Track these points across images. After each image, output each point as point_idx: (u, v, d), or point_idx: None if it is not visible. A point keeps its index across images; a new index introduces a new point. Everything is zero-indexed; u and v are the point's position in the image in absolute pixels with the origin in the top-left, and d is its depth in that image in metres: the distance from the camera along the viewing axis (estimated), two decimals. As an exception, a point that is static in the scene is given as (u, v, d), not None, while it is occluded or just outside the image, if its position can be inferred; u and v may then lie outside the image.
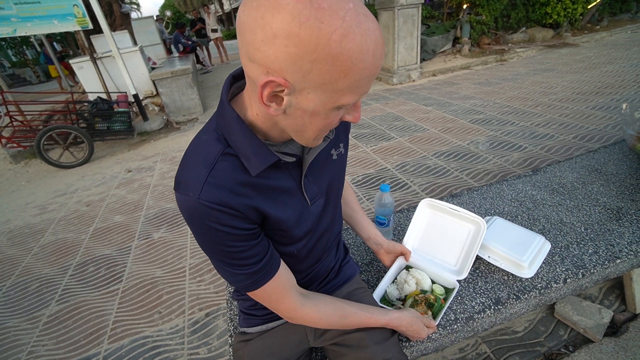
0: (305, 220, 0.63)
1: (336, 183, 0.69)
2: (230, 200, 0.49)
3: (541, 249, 0.96)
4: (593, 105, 3.35)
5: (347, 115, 0.48)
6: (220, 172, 0.49)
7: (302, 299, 0.63)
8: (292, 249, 0.65)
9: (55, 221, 2.72)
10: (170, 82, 4.83)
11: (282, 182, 0.57)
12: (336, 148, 0.67)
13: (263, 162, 0.51)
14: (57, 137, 3.79)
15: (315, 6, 0.34)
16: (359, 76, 0.39)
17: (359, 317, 0.68)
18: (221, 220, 0.49)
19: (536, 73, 4.92)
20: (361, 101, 0.49)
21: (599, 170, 1.37)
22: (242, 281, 0.56)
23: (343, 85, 0.40)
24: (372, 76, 0.42)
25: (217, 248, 0.52)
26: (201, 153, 0.51)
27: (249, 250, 0.54)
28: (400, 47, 5.21)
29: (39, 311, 1.76)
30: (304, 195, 0.61)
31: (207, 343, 1.43)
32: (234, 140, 0.50)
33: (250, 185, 0.52)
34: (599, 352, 1.17)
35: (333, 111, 0.44)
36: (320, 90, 0.40)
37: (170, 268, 1.93)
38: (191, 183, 0.48)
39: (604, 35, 6.89)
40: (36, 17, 3.83)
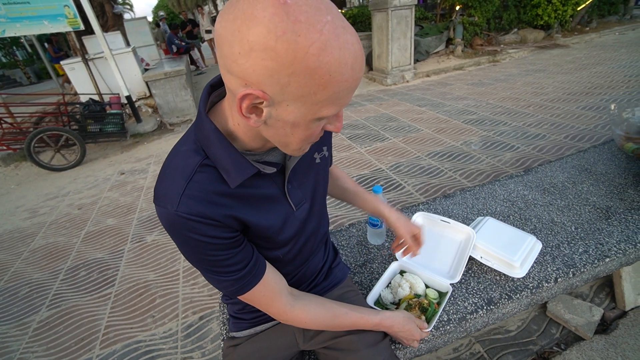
0: (291, 225, 0.62)
1: (321, 186, 0.70)
2: (208, 211, 0.49)
3: (532, 249, 0.97)
4: (583, 105, 3.40)
5: (329, 125, 0.48)
6: (197, 183, 0.49)
7: (293, 300, 0.63)
8: (278, 253, 0.64)
9: (46, 225, 2.68)
10: (163, 83, 4.80)
11: (265, 189, 0.57)
12: (319, 152, 0.67)
13: (241, 175, 0.50)
14: (48, 139, 3.74)
15: (292, 19, 0.34)
16: (337, 89, 0.39)
17: (349, 318, 0.67)
18: (201, 231, 0.49)
19: (528, 74, 4.99)
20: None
21: (588, 170, 1.39)
22: (229, 287, 0.56)
23: (322, 97, 0.40)
24: (352, 88, 0.42)
25: (200, 258, 0.52)
26: (179, 165, 0.50)
27: (232, 258, 0.54)
28: (394, 48, 5.24)
29: (29, 317, 1.73)
30: (289, 202, 0.61)
31: (200, 347, 1.42)
32: (212, 152, 0.50)
33: (229, 196, 0.52)
34: (589, 350, 1.18)
35: (314, 122, 0.44)
36: (299, 103, 0.40)
37: (164, 271, 1.91)
38: (169, 195, 0.48)
39: (593, 37, 7.01)
40: (26, 17, 3.77)
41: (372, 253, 1.11)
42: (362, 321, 0.69)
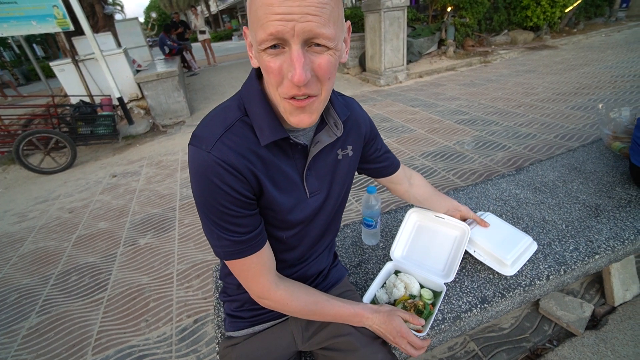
0: (301, 210, 0.64)
1: (339, 184, 0.70)
2: (236, 162, 0.52)
3: (527, 249, 0.98)
4: (572, 105, 3.47)
5: (289, 72, 0.45)
6: (234, 134, 0.53)
7: (278, 280, 0.64)
8: (282, 234, 0.66)
9: (36, 229, 2.62)
10: (156, 84, 4.75)
11: (287, 167, 0.60)
12: (342, 149, 0.68)
13: (274, 135, 0.54)
14: (38, 142, 3.66)
15: None
16: (257, 5, 0.43)
17: (331, 305, 0.67)
18: (223, 179, 0.52)
19: (518, 74, 5.06)
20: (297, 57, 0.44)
21: (578, 169, 1.41)
22: (227, 247, 0.57)
23: (252, 19, 0.45)
24: (271, 7, 0.41)
25: (213, 206, 0.54)
26: (221, 116, 0.55)
27: (241, 218, 0.56)
28: (387, 49, 5.28)
29: (18, 324, 1.69)
30: (304, 187, 0.64)
31: (195, 350, 1.41)
32: (252, 110, 0.55)
33: (257, 155, 0.55)
34: (581, 346, 1.20)
35: (262, 53, 0.46)
36: (250, 32, 0.47)
37: (157, 274, 1.89)
38: (206, 137, 0.52)
39: (581, 38, 7.16)
40: (13, 17, 3.70)
41: (366, 253, 1.12)
42: (342, 310, 0.68)
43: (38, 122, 4.33)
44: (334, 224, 0.77)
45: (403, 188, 0.93)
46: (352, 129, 0.70)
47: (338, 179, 0.69)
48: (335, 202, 0.72)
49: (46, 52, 16.40)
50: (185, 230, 2.27)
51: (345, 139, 0.68)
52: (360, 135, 0.72)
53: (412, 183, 0.94)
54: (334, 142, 0.65)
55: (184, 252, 2.04)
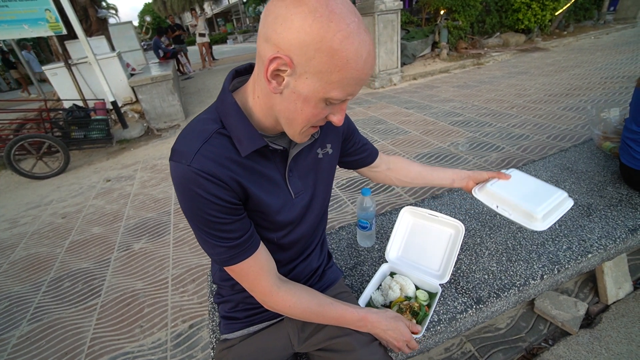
0: (289, 210, 0.66)
1: (322, 182, 0.72)
2: (217, 171, 0.53)
3: (561, 203, 0.86)
4: (564, 106, 3.52)
5: (332, 115, 0.54)
6: (212, 146, 0.54)
7: (279, 282, 0.65)
8: (273, 235, 0.67)
9: (28, 235, 2.58)
10: (150, 88, 4.72)
11: (269, 171, 0.62)
12: (322, 148, 0.70)
13: (252, 144, 0.56)
14: (30, 146, 3.62)
15: (329, 9, 0.43)
16: (350, 75, 0.46)
17: (335, 308, 0.67)
18: (207, 189, 0.53)
19: (511, 76, 5.13)
20: (346, 107, 0.55)
21: (570, 169, 1.43)
22: (221, 254, 0.58)
23: (335, 78, 0.46)
24: (361, 80, 0.48)
25: (201, 216, 0.55)
26: (198, 129, 0.56)
27: (230, 224, 0.57)
28: (381, 51, 5.32)
29: (8, 332, 1.66)
30: (289, 188, 0.65)
31: (191, 356, 1.39)
32: (229, 122, 0.56)
33: (238, 164, 0.57)
34: (575, 344, 1.21)
35: (321, 102, 0.50)
36: (316, 78, 0.46)
37: (152, 280, 1.87)
38: (185, 152, 0.53)
39: (571, 41, 7.28)
40: (4, 21, 3.67)
41: (362, 255, 1.12)
42: (347, 313, 0.68)
43: (30, 126, 4.28)
44: (322, 220, 0.79)
45: (382, 174, 0.94)
46: (330, 128, 0.71)
47: (321, 178, 0.71)
48: (323, 199, 0.74)
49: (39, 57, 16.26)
50: (181, 234, 2.25)
51: (325, 137, 0.70)
52: (339, 133, 0.75)
53: (390, 167, 0.94)
54: (312, 142, 0.67)
55: (179, 257, 2.03)
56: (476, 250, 1.06)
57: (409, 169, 0.95)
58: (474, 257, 1.04)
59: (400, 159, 0.96)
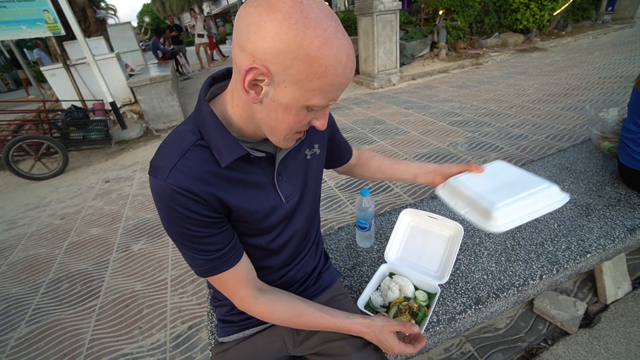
0: (277, 214, 0.65)
1: (312, 182, 0.71)
2: (194, 187, 0.52)
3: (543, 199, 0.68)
4: (562, 106, 3.52)
5: (315, 120, 0.53)
6: (189, 160, 0.53)
7: (257, 293, 0.64)
8: (261, 240, 0.66)
9: (26, 236, 2.58)
10: (149, 89, 4.71)
11: (255, 177, 0.60)
12: (310, 148, 0.70)
13: (232, 154, 0.54)
14: (28, 147, 3.61)
15: (304, 14, 0.41)
16: (330, 81, 0.45)
17: (316, 318, 0.65)
18: (184, 205, 0.52)
19: (510, 76, 5.14)
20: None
21: (568, 169, 1.43)
22: (200, 266, 0.59)
23: (315, 86, 0.45)
24: (342, 85, 0.47)
25: (180, 231, 0.55)
26: (176, 142, 0.55)
27: (209, 237, 0.57)
28: (380, 51, 5.32)
29: (6, 334, 1.65)
30: (279, 193, 0.64)
31: (190, 357, 1.39)
32: (207, 133, 0.55)
33: (218, 176, 0.55)
34: (575, 344, 1.21)
35: (303, 110, 0.49)
36: (295, 86, 0.45)
37: (151, 281, 1.87)
38: (162, 167, 0.52)
39: (569, 41, 7.29)
40: (2, 22, 3.65)
41: (361, 256, 1.11)
42: (329, 323, 0.66)
43: (29, 127, 4.27)
44: (314, 219, 0.78)
45: (349, 168, 0.94)
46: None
47: (310, 179, 0.71)
48: (312, 200, 0.73)
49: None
50: (180, 235, 2.25)
51: (312, 138, 0.70)
52: (325, 132, 0.74)
53: (356, 162, 0.93)
54: (300, 143, 0.67)
55: (178, 257, 2.02)
56: (475, 250, 1.06)
57: (369, 163, 0.94)
58: (472, 257, 1.04)
59: (367, 153, 0.95)
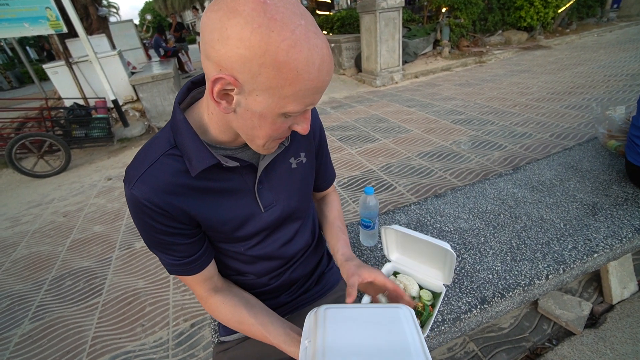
0: (254, 224, 0.63)
1: (297, 193, 0.67)
2: (158, 200, 0.52)
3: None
4: (567, 104, 3.49)
5: (296, 125, 0.50)
6: (157, 170, 0.52)
7: (210, 293, 0.65)
8: (239, 247, 0.65)
9: (29, 234, 2.58)
10: (151, 86, 4.71)
11: (231, 184, 0.59)
12: (296, 157, 0.66)
13: (201, 164, 0.52)
14: (31, 145, 3.62)
15: (268, 16, 0.38)
16: (303, 86, 0.42)
17: (253, 330, 0.62)
18: (149, 215, 0.53)
19: (513, 74, 5.10)
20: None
21: (574, 167, 1.42)
22: (166, 265, 0.61)
23: (288, 92, 0.42)
24: (318, 89, 0.44)
25: (147, 236, 0.57)
26: (147, 150, 0.54)
27: (177, 246, 0.57)
28: (383, 49, 5.29)
29: (10, 331, 1.66)
30: (258, 201, 0.62)
31: (192, 355, 1.39)
32: (179, 140, 0.53)
33: (187, 187, 0.54)
34: (580, 344, 1.20)
35: (279, 117, 0.46)
36: (267, 94, 0.42)
37: (153, 278, 1.87)
38: (130, 175, 0.53)
39: (574, 38, 7.23)
40: (5, 19, 3.66)
41: (364, 255, 1.11)
42: (265, 340, 0.62)
43: (31, 125, 4.28)
44: (306, 227, 0.74)
45: (319, 205, 0.84)
46: (305, 136, 0.66)
47: (295, 188, 0.67)
48: (298, 209, 0.69)
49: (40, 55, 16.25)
50: (182, 233, 2.25)
51: (298, 145, 0.66)
52: (311, 140, 0.68)
53: (324, 201, 0.85)
54: (285, 151, 0.63)
55: (180, 256, 2.02)
56: (480, 249, 1.05)
57: (324, 206, 0.84)
58: (477, 256, 1.03)
59: (331, 201, 0.85)
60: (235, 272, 0.71)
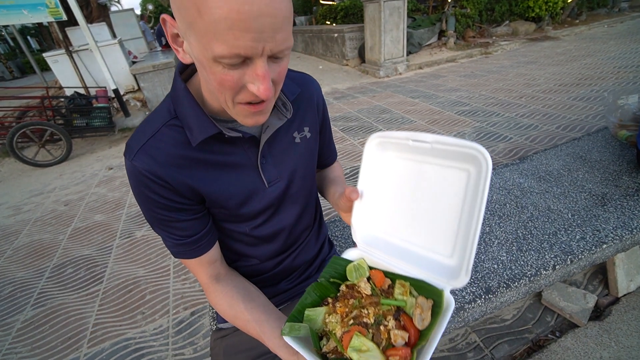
0: (258, 200, 0.61)
1: (302, 168, 0.65)
2: (161, 172, 0.50)
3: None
4: (574, 96, 3.42)
5: (250, 84, 0.41)
6: (159, 141, 0.51)
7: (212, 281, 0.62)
8: (244, 227, 0.63)
9: (31, 222, 2.59)
10: (152, 76, 4.67)
11: (234, 158, 0.56)
12: (299, 131, 0.64)
13: (203, 133, 0.50)
14: (32, 134, 3.61)
15: None
16: (215, 16, 0.35)
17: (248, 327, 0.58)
18: (151, 188, 0.51)
19: (520, 65, 5.00)
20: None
21: (583, 158, 1.38)
22: (170, 247, 0.58)
23: (202, 27, 0.36)
24: (241, 23, 0.35)
25: (149, 213, 0.55)
26: (149, 121, 0.53)
27: (177, 223, 0.55)
28: (387, 39, 5.19)
29: (12, 317, 1.66)
30: (261, 177, 0.60)
31: (192, 343, 1.39)
32: (179, 110, 0.51)
33: (189, 159, 0.52)
34: (584, 337, 1.18)
35: (215, 65, 0.39)
36: (192, 34, 0.39)
37: (154, 267, 1.86)
38: (131, 147, 0.51)
39: (583, 29, 7.07)
40: (3, 6, 3.61)
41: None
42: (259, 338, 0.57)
43: (32, 114, 4.27)
44: (309, 208, 0.72)
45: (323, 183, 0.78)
46: (308, 110, 0.65)
47: (300, 164, 0.64)
48: (305, 188, 0.68)
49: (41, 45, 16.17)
50: (183, 222, 2.24)
51: (302, 120, 0.64)
52: (316, 115, 0.66)
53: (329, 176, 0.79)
54: (288, 125, 0.61)
55: (181, 245, 2.02)
56: (485, 239, 1.03)
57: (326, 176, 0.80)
58: (482, 246, 1.00)
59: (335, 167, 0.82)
60: (239, 256, 0.69)
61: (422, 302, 0.46)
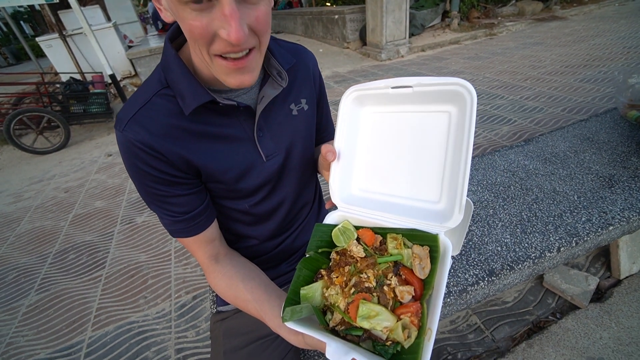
0: (256, 175, 0.58)
1: (300, 141, 0.62)
2: (153, 142, 0.48)
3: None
4: (581, 78, 3.33)
5: (221, 29, 0.39)
6: (151, 111, 0.48)
7: (211, 262, 0.60)
8: (243, 204, 0.61)
9: (32, 209, 2.59)
10: (149, 60, 4.58)
11: (229, 130, 0.54)
12: (296, 103, 0.61)
13: (195, 100, 0.48)
14: (29, 121, 3.57)
15: None
16: None
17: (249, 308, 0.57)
18: (144, 160, 0.48)
19: (525, 47, 4.86)
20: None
21: (590, 139, 1.34)
22: (167, 225, 0.56)
23: None
24: None
25: (143, 187, 0.52)
26: (140, 92, 0.50)
27: (173, 198, 0.52)
28: (389, 21, 5.03)
29: (18, 301, 1.68)
30: (259, 150, 0.57)
31: (194, 326, 1.40)
32: (171, 78, 0.49)
33: (182, 130, 0.50)
34: (585, 318, 1.19)
35: (182, 8, 0.38)
36: None
37: (155, 252, 1.87)
38: (121, 118, 0.49)
39: (593, 8, 6.82)
40: (-8, -12, 3.49)
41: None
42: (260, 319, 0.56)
43: (29, 101, 4.20)
44: (309, 185, 0.70)
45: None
46: (305, 81, 0.62)
47: (298, 137, 0.62)
48: (304, 161, 0.65)
49: (35, 30, 15.83)
50: (183, 208, 2.23)
51: (299, 91, 0.61)
52: (312, 87, 0.64)
53: None
54: (284, 96, 0.58)
55: (182, 230, 2.02)
56: (489, 222, 1.01)
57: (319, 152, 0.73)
58: (486, 228, 0.99)
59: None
60: (238, 237, 0.68)
61: (418, 250, 0.45)
